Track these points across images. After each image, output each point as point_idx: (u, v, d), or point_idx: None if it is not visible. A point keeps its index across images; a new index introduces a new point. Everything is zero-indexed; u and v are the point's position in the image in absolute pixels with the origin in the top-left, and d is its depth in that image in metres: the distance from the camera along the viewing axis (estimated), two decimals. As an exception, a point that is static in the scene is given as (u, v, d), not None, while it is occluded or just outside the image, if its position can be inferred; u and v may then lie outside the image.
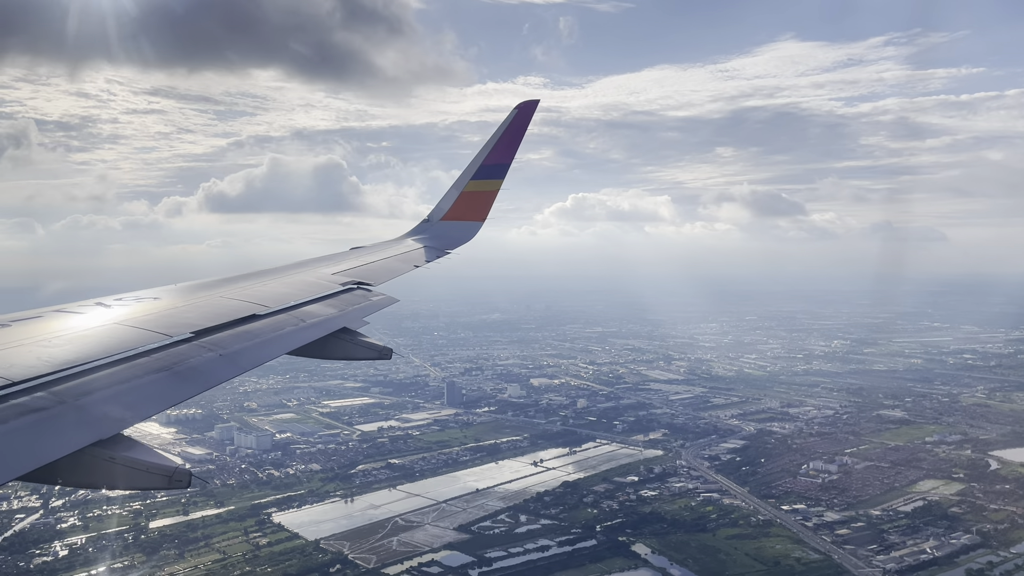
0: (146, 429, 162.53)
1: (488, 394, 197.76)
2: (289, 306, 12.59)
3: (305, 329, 11.73)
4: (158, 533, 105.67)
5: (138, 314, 10.76)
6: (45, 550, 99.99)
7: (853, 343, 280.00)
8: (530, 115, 21.95)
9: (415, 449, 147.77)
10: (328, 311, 13.01)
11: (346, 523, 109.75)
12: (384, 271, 17.35)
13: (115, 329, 9.91)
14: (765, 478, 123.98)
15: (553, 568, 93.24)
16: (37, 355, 8.29)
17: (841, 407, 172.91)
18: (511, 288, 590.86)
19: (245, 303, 12.16)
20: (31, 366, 7.88)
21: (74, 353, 8.51)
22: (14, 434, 6.63)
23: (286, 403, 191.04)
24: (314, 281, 15.04)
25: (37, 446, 6.62)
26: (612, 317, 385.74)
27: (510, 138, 21.94)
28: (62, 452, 6.70)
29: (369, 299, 14.61)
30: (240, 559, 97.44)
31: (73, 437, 6.94)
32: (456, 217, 22.64)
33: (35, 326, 9.66)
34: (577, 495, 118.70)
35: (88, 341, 9.20)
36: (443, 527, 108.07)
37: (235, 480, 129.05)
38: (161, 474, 7.36)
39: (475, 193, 22.45)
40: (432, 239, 21.74)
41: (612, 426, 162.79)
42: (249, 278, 14.73)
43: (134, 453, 7.30)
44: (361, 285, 15.37)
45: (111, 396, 7.84)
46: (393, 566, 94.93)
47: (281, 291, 13.59)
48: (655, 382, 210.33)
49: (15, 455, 6.42)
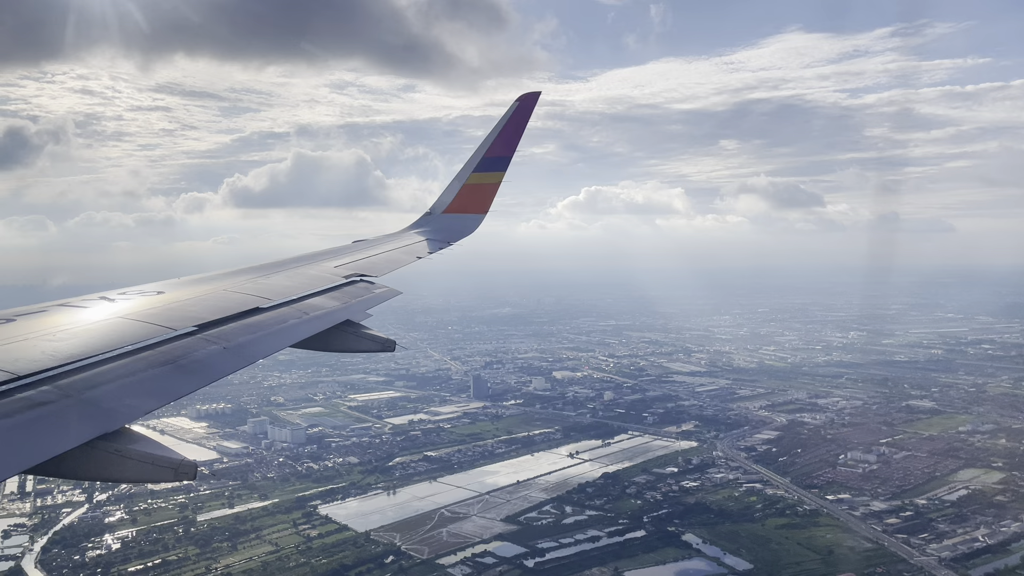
0: (177, 424, 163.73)
1: (513, 387, 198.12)
2: (292, 299, 12.61)
3: (308, 322, 11.78)
4: (207, 526, 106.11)
5: (142, 308, 10.76)
6: (96, 543, 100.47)
7: (870, 334, 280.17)
8: (532, 107, 21.89)
9: (449, 442, 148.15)
10: (331, 304, 13.05)
11: (392, 515, 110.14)
12: (387, 263, 17.35)
13: (120, 323, 9.91)
14: (804, 468, 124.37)
15: (607, 558, 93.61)
16: (42, 349, 8.30)
17: (869, 398, 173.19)
18: (518, 282, 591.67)
19: (249, 296, 12.19)
20: (36, 360, 7.88)
21: (79, 347, 8.50)
22: (20, 427, 6.63)
23: (312, 397, 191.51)
24: (317, 274, 15.08)
25: (43, 439, 6.62)
26: (624, 310, 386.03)
27: (512, 130, 21.88)
28: (68, 445, 6.69)
29: (372, 292, 14.62)
30: (293, 550, 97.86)
31: (79, 430, 6.93)
32: (458, 210, 22.62)
33: (40, 320, 9.65)
34: (619, 486, 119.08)
35: (93, 335, 9.16)
36: (490, 518, 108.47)
37: (275, 473, 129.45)
38: (167, 467, 7.35)
39: (477, 186, 22.42)
40: (434, 231, 21.74)
41: (642, 418, 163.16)
42: (252, 271, 14.74)
43: (140, 446, 7.32)
44: (364, 278, 15.37)
45: (116, 389, 7.85)
46: (446, 556, 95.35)
47: (284, 284, 13.65)
48: (678, 374, 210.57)
49: (22, 448, 6.43)
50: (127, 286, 12.52)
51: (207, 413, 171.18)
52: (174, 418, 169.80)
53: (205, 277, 13.73)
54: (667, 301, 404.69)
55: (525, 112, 21.87)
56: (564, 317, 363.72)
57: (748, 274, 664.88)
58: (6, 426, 6.60)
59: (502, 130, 21.87)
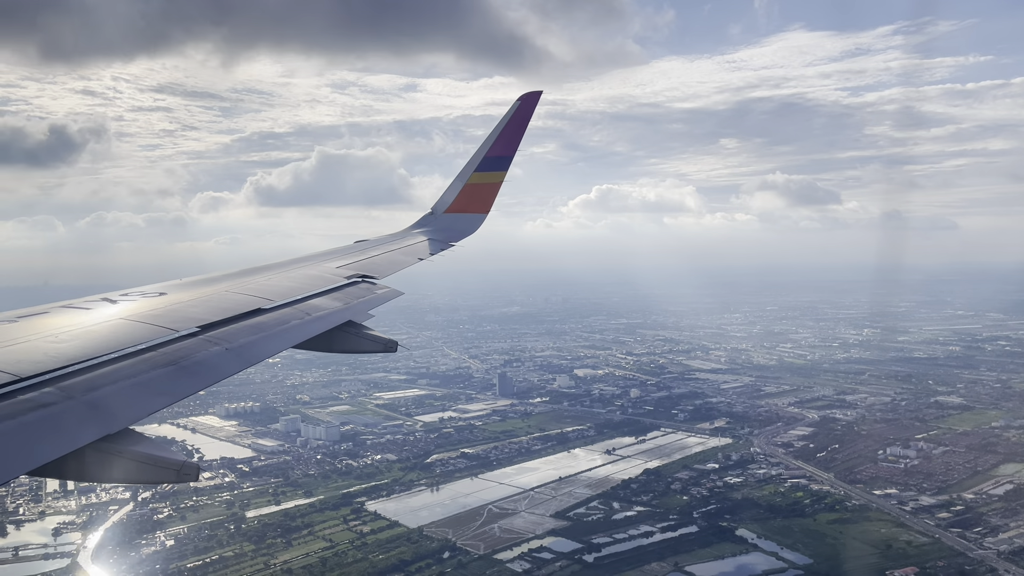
0: (207, 422, 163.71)
1: (537, 385, 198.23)
2: (294, 300, 12.60)
3: (310, 323, 11.76)
4: (257, 522, 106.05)
5: (144, 309, 10.73)
6: (150, 540, 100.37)
7: (884, 331, 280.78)
8: (533, 106, 21.84)
9: (483, 439, 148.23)
10: (333, 304, 13.02)
11: (441, 511, 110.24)
12: (388, 264, 17.27)
13: (122, 324, 9.87)
14: (845, 464, 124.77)
15: (664, 553, 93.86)
16: (45, 351, 8.29)
17: (896, 394, 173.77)
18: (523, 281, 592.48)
19: (250, 297, 12.16)
20: (39, 362, 7.87)
21: (81, 348, 8.49)
22: (24, 429, 6.61)
23: (337, 395, 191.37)
24: (319, 275, 15.05)
25: (47, 441, 6.59)
26: (633, 308, 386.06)
27: (513, 130, 21.81)
28: (71, 447, 6.66)
29: (374, 292, 14.59)
30: (348, 546, 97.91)
31: (82, 432, 6.92)
32: (460, 209, 22.55)
33: (42, 322, 9.64)
34: (662, 482, 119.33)
35: (95, 336, 9.15)
36: (539, 514, 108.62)
37: (315, 470, 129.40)
38: (170, 468, 7.33)
39: (478, 185, 22.36)
40: (436, 231, 21.67)
41: (672, 415, 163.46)
42: (254, 272, 14.68)
43: (142, 448, 7.29)
44: (366, 278, 15.31)
45: (119, 391, 7.84)
46: (503, 552, 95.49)
47: (286, 285, 13.61)
48: (699, 372, 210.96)
49: (25, 450, 6.41)
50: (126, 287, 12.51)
51: (236, 412, 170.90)
52: (203, 416, 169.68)
53: (207, 278, 13.66)
54: (674, 299, 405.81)
55: (526, 112, 21.80)
56: (574, 316, 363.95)
57: (751, 272, 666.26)
58: (9, 428, 6.56)
59: (503, 130, 21.77)
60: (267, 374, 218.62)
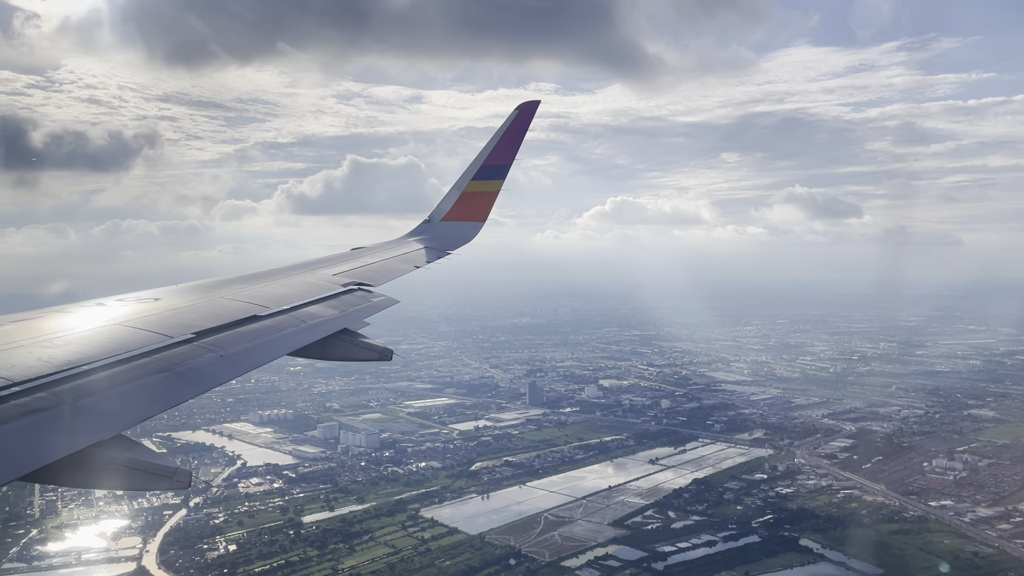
0: (241, 429, 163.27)
1: (564, 395, 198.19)
2: (290, 307, 12.58)
3: (306, 330, 11.75)
4: (316, 527, 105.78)
5: (139, 315, 10.67)
6: (211, 544, 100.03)
7: (900, 345, 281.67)
8: (531, 116, 21.95)
9: (523, 448, 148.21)
10: (329, 312, 13.02)
11: (497, 518, 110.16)
12: (385, 272, 17.25)
13: (116, 330, 9.82)
14: (893, 475, 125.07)
15: (732, 562, 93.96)
16: (38, 356, 8.23)
17: (927, 407, 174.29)
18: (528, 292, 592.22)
19: (246, 304, 12.12)
20: (32, 367, 7.83)
21: (75, 354, 8.45)
22: (15, 434, 6.56)
23: (367, 404, 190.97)
24: (315, 282, 15.03)
25: (38, 446, 6.55)
26: (643, 321, 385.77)
27: (511, 139, 21.89)
28: (63, 452, 6.62)
29: (370, 300, 14.58)
30: (412, 552, 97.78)
31: (74, 437, 6.87)
32: (457, 217, 22.55)
33: (36, 326, 9.61)
34: (714, 492, 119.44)
35: (89, 342, 9.10)
36: (596, 522, 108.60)
37: (362, 477, 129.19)
38: (162, 475, 7.30)
39: (476, 194, 22.39)
40: (433, 239, 21.68)
41: (707, 426, 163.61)
42: (250, 279, 14.63)
43: (135, 454, 7.24)
44: (362, 286, 15.30)
45: (112, 397, 7.80)
46: (569, 559, 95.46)
47: (282, 292, 13.61)
48: (725, 383, 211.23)
49: (16, 455, 6.36)
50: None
51: (269, 419, 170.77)
52: (236, 424, 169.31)
53: (202, 285, 13.63)
54: (682, 311, 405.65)
55: (524, 121, 21.91)
56: (586, 327, 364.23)
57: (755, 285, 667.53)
58: (1, 433, 6.52)
59: (501, 139, 21.83)
60: (292, 382, 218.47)
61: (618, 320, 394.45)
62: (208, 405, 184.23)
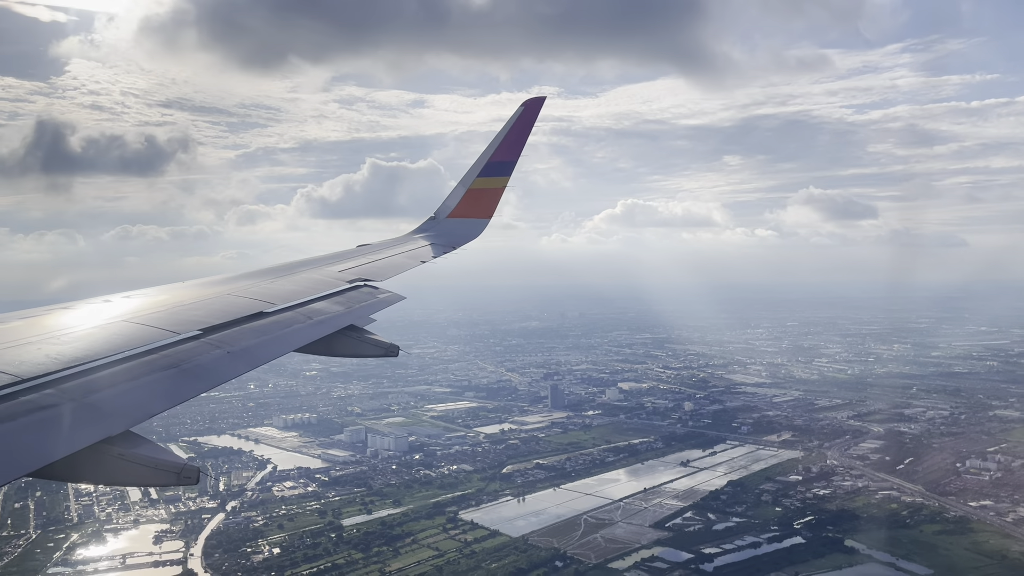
0: (267, 433, 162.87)
1: (585, 398, 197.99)
2: (296, 303, 12.61)
3: (312, 326, 11.76)
4: (357, 530, 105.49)
5: (146, 311, 10.70)
6: (255, 548, 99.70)
7: (914, 347, 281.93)
8: (536, 113, 22.06)
9: (552, 450, 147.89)
10: (335, 308, 13.03)
11: (536, 521, 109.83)
12: (390, 268, 17.19)
13: (123, 326, 9.82)
14: (928, 476, 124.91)
15: (780, 563, 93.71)
16: (46, 352, 8.28)
17: (952, 408, 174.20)
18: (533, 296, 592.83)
19: (252, 300, 12.16)
20: (40, 363, 7.87)
21: (83, 350, 8.49)
22: (24, 431, 6.63)
23: (389, 408, 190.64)
24: (321, 279, 15.01)
25: (47, 443, 6.61)
26: (652, 324, 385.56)
27: (516, 136, 21.93)
28: (72, 449, 6.66)
29: (376, 296, 14.61)
30: (457, 554, 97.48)
31: (82, 434, 6.90)
32: (463, 214, 22.58)
33: (44, 323, 9.69)
34: (750, 494, 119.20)
35: (97, 338, 9.11)
36: (636, 524, 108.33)
37: (395, 480, 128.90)
38: (170, 471, 7.30)
39: (481, 190, 22.47)
40: (439, 236, 21.66)
41: (732, 428, 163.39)
42: (256, 276, 14.67)
43: (143, 450, 7.28)
44: (367, 283, 15.30)
45: (120, 393, 7.84)
46: (616, 561, 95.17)
47: (288, 289, 13.62)
48: (744, 385, 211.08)
49: (26, 451, 6.43)
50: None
51: (293, 423, 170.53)
52: (260, 428, 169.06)
53: (209, 281, 13.71)
54: (690, 315, 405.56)
55: (530, 118, 21.98)
56: (596, 331, 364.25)
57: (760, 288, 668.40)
58: (10, 429, 6.57)
59: (506, 136, 21.88)
60: (310, 386, 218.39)
61: (627, 323, 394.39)
62: (230, 410, 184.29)
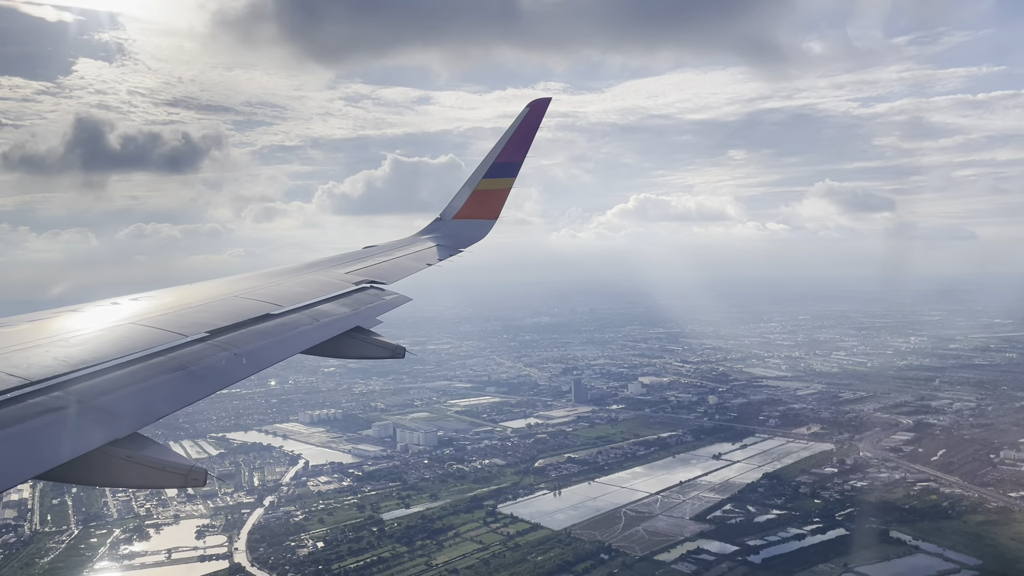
0: (293, 429, 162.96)
1: (607, 392, 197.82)
2: (303, 305, 12.64)
3: (319, 328, 11.81)
4: (398, 524, 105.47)
5: (153, 314, 10.77)
6: (299, 542, 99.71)
7: (931, 339, 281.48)
8: (542, 113, 22.00)
9: (581, 444, 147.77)
10: (341, 310, 13.07)
11: (576, 514, 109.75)
12: (397, 270, 17.25)
13: (130, 329, 9.88)
14: (964, 467, 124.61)
15: (827, 554, 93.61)
16: (54, 355, 8.32)
17: (978, 399, 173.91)
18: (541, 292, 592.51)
19: (259, 302, 12.19)
20: (48, 366, 7.92)
21: (90, 353, 8.55)
22: (32, 433, 6.65)
23: (412, 403, 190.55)
24: (327, 280, 15.10)
25: (55, 445, 6.62)
26: (664, 319, 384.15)
27: (521, 136, 21.89)
28: (80, 451, 6.69)
29: (382, 298, 14.63)
30: (501, 548, 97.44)
31: (90, 436, 6.93)
32: (468, 215, 22.53)
33: (51, 326, 9.72)
34: (787, 486, 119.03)
35: (104, 341, 9.18)
36: (677, 517, 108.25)
37: (430, 475, 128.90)
38: (177, 473, 7.32)
39: (487, 192, 22.37)
40: (444, 237, 21.67)
41: (761, 421, 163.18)
42: (263, 278, 14.75)
43: (150, 452, 7.31)
44: (374, 284, 15.33)
45: (127, 395, 7.87)
46: (661, 553, 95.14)
47: (295, 291, 13.67)
48: (766, 379, 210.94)
49: (34, 453, 6.45)
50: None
51: (320, 419, 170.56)
52: (286, 424, 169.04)
53: (216, 284, 13.77)
54: (700, 309, 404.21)
55: (535, 119, 21.92)
56: (608, 326, 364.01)
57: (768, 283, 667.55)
58: (19, 431, 6.59)
59: (512, 137, 21.84)
60: (331, 383, 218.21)
61: (638, 318, 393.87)
62: (253, 406, 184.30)
